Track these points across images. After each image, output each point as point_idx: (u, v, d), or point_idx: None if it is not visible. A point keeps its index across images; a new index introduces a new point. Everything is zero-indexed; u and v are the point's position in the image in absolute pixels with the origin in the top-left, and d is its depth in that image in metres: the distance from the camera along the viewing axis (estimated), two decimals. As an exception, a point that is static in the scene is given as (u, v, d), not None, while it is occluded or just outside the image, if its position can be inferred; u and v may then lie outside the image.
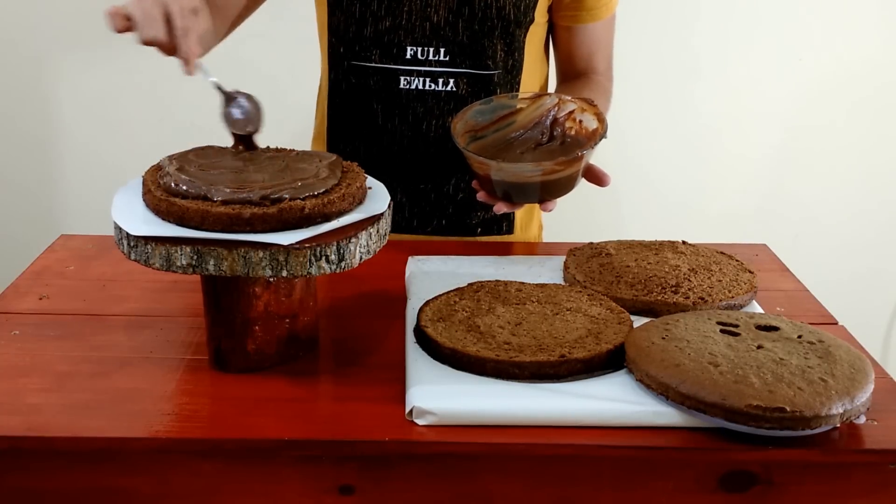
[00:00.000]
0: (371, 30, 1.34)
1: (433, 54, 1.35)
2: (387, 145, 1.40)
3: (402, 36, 1.34)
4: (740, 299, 1.11)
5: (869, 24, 2.21)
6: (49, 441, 0.87)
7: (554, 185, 1.16)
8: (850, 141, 2.30)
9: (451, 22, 1.34)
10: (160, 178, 0.99)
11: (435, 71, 1.36)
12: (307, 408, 0.93)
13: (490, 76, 1.38)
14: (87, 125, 2.21)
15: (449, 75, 1.36)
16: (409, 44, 1.34)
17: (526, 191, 1.16)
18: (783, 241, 1.62)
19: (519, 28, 1.37)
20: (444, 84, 1.36)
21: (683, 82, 2.25)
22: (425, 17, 1.33)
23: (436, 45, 1.35)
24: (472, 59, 1.36)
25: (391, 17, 1.33)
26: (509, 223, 1.48)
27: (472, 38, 1.35)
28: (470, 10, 1.33)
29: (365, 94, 1.37)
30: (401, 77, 1.36)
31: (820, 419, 0.86)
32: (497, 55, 1.37)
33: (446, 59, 1.36)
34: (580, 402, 0.90)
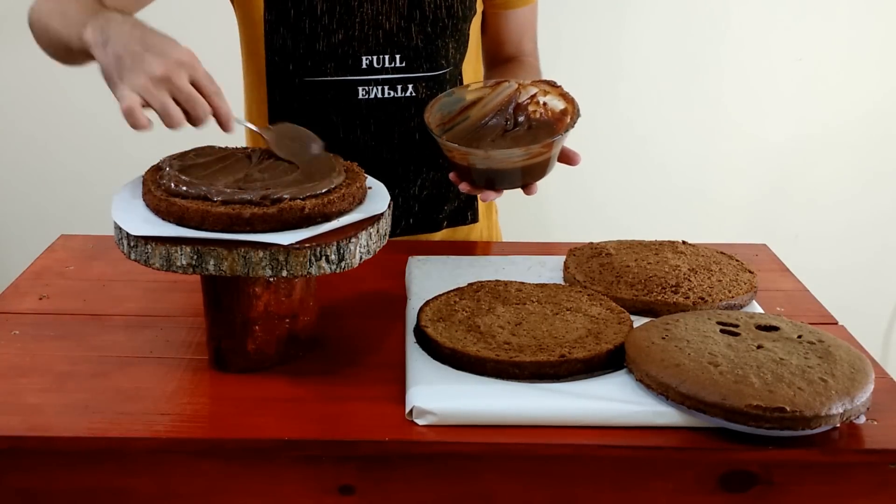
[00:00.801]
0: (324, 44, 1.32)
1: (389, 61, 1.34)
2: (349, 157, 1.37)
3: (357, 46, 1.32)
4: (740, 299, 1.11)
5: (869, 24, 2.21)
6: (49, 441, 0.87)
7: (536, 168, 1.16)
8: (851, 141, 2.30)
9: (403, 27, 1.33)
10: (159, 178, 0.99)
11: (392, 78, 1.35)
12: (307, 408, 0.93)
13: (443, 75, 1.38)
14: (87, 125, 2.21)
15: (407, 81, 1.35)
16: (364, 53, 1.33)
17: (509, 176, 1.16)
18: (783, 241, 1.62)
19: (465, 22, 1.38)
20: (402, 90, 1.35)
21: (683, 83, 2.25)
22: (377, 25, 1.32)
23: (391, 52, 1.33)
24: (428, 62, 1.35)
25: (343, 29, 1.31)
26: (473, 212, 1.48)
27: (426, 40, 1.34)
28: (421, 14, 1.33)
29: (322, 108, 1.35)
30: (359, 88, 1.34)
31: (820, 419, 0.86)
32: (449, 53, 1.37)
33: (403, 66, 1.35)
34: (580, 402, 0.90)
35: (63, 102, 2.19)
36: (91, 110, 2.20)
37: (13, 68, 2.17)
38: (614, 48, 2.22)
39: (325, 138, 1.35)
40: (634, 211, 2.30)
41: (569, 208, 2.12)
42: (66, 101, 2.19)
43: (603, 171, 2.25)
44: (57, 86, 2.18)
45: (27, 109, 2.20)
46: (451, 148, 1.16)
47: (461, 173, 1.18)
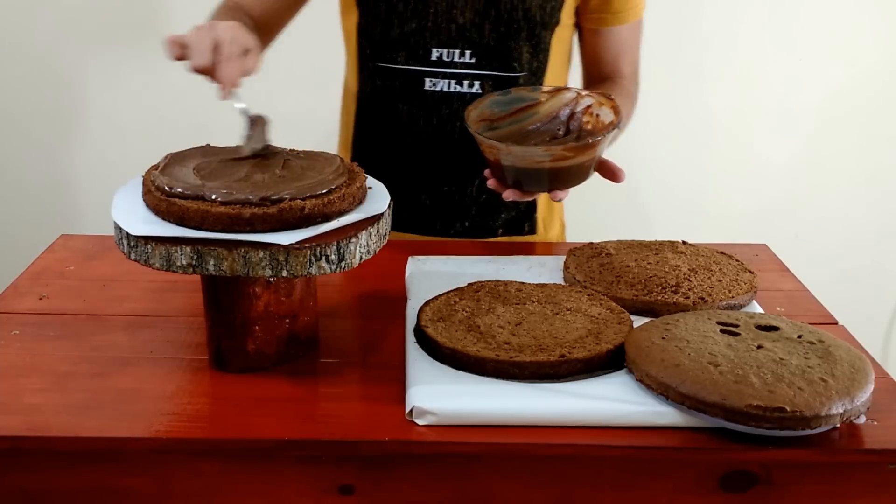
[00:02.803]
0: (397, 31, 1.34)
1: (459, 56, 1.35)
2: (411, 147, 1.39)
3: (428, 38, 1.34)
4: (740, 299, 1.11)
5: (869, 25, 2.21)
6: (49, 441, 0.87)
7: (564, 172, 1.15)
8: (851, 141, 2.30)
9: (477, 24, 1.33)
10: (155, 179, 0.99)
11: (460, 73, 1.36)
12: (307, 408, 0.93)
13: (515, 78, 1.37)
14: (87, 125, 2.21)
15: (474, 77, 1.36)
16: (435, 45, 1.34)
17: (535, 177, 1.15)
18: (783, 241, 1.62)
19: (545, 30, 1.37)
20: (469, 86, 1.36)
21: (683, 83, 2.25)
22: (451, 18, 1.33)
23: (461, 47, 1.34)
24: (499, 62, 1.36)
25: (417, 18, 1.33)
26: (531, 224, 1.47)
27: (498, 40, 1.34)
28: (496, 12, 1.33)
29: (390, 95, 1.37)
30: (426, 79, 1.35)
31: (820, 419, 0.86)
32: (523, 57, 1.37)
33: (472, 62, 1.35)
34: (580, 402, 0.90)
35: (63, 102, 2.19)
36: (91, 110, 2.20)
37: (14, 69, 2.17)
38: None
39: (391, 126, 1.35)
40: (634, 211, 2.30)
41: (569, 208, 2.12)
42: (66, 101, 2.19)
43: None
44: (57, 86, 2.18)
45: (27, 109, 2.20)
46: (480, 140, 1.16)
47: (493, 170, 1.19)
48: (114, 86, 2.18)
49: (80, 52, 2.15)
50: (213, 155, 1.06)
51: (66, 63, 2.16)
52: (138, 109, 2.20)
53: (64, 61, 2.16)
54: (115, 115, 2.21)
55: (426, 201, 1.42)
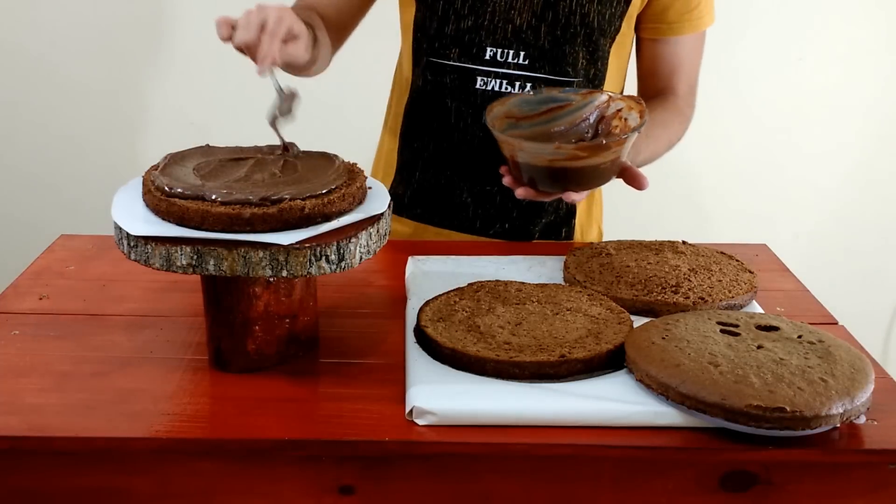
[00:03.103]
0: (453, 28, 1.33)
1: (513, 57, 1.34)
2: (457, 144, 1.39)
3: (483, 36, 1.33)
4: (740, 299, 1.11)
5: (869, 24, 2.21)
6: (49, 441, 0.87)
7: (578, 173, 1.14)
8: (851, 140, 2.29)
9: (533, 25, 1.33)
10: (155, 179, 0.99)
11: (513, 73, 1.35)
12: (307, 408, 0.93)
13: (569, 83, 1.35)
14: (88, 125, 2.21)
15: (526, 79, 1.35)
16: (490, 45, 1.33)
17: (548, 176, 1.14)
18: (783, 241, 1.62)
19: (603, 37, 1.35)
20: (520, 87, 1.35)
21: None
22: (508, 18, 1.33)
23: (516, 48, 1.34)
24: (552, 65, 1.34)
25: (474, 16, 1.32)
26: (569, 229, 1.46)
27: (554, 43, 1.33)
28: (553, 15, 1.32)
29: (441, 91, 1.36)
30: (478, 77, 1.35)
31: (820, 419, 0.86)
32: (578, 63, 1.35)
33: (525, 63, 1.34)
34: (580, 402, 0.90)
35: (63, 102, 2.19)
36: (91, 110, 2.20)
37: (14, 69, 2.17)
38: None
39: (438, 122, 1.35)
40: (634, 211, 2.30)
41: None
42: (66, 101, 2.19)
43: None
44: (57, 86, 2.18)
45: (27, 109, 2.20)
46: (496, 136, 1.16)
47: (511, 167, 1.19)
48: (114, 85, 2.18)
49: (80, 52, 2.15)
50: (212, 155, 1.06)
51: (66, 63, 2.16)
52: (139, 109, 2.20)
53: (64, 61, 2.16)
54: (115, 115, 2.21)
55: (468, 199, 1.41)
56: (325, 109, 2.11)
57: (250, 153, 1.06)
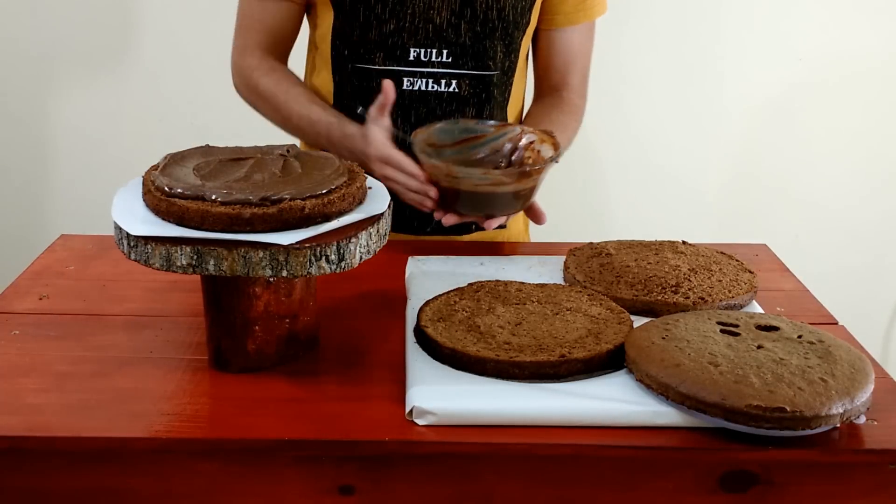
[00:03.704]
0: (375, 33, 1.34)
1: (436, 55, 1.36)
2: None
3: (406, 38, 1.35)
4: (740, 299, 1.11)
5: (869, 24, 2.21)
6: (49, 441, 0.87)
7: (501, 198, 1.17)
8: (851, 140, 2.30)
9: (453, 24, 1.35)
10: (155, 179, 0.99)
11: (437, 72, 1.37)
12: (307, 408, 0.93)
13: (490, 77, 1.39)
14: (88, 125, 2.21)
15: (451, 76, 1.37)
16: (413, 45, 1.35)
17: (473, 201, 1.17)
18: (783, 241, 1.62)
19: (517, 30, 1.38)
20: (446, 85, 1.38)
21: (683, 83, 2.25)
22: (428, 18, 1.34)
23: (439, 47, 1.36)
24: (474, 60, 1.37)
25: (395, 19, 1.34)
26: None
27: (475, 39, 1.36)
28: (472, 12, 1.34)
29: (369, 95, 1.37)
30: (404, 78, 1.36)
31: (820, 419, 0.86)
32: (497, 56, 1.38)
33: (449, 61, 1.37)
34: (580, 402, 0.90)
35: (63, 102, 2.19)
36: (91, 110, 2.20)
37: (14, 69, 2.17)
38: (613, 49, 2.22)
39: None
40: (634, 211, 2.30)
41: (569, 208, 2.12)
42: (66, 101, 2.19)
43: (603, 172, 2.25)
44: (57, 86, 2.18)
45: (27, 109, 2.20)
46: (423, 161, 1.18)
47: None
48: (113, 86, 2.18)
49: (80, 52, 2.15)
50: (212, 155, 1.06)
51: (66, 63, 2.16)
52: (139, 109, 2.20)
53: (64, 61, 2.16)
54: (115, 115, 2.21)
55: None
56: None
57: (250, 153, 1.06)
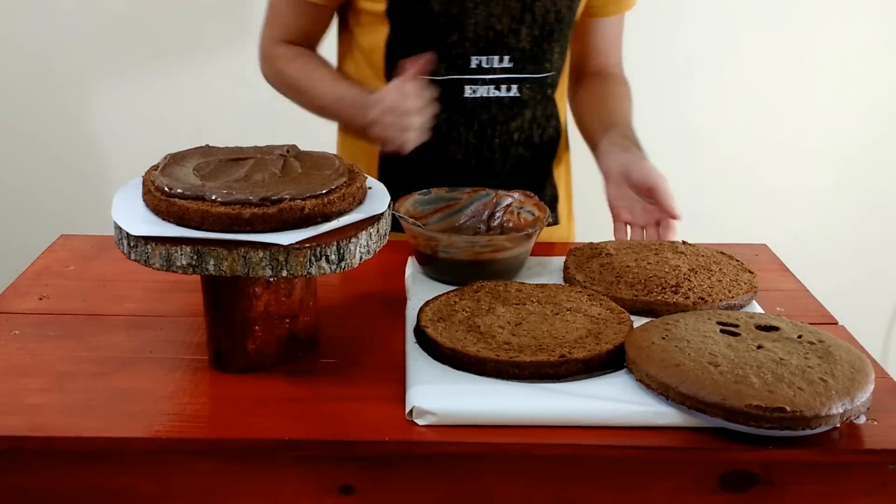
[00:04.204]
0: (437, 45, 1.34)
1: (497, 62, 1.37)
2: (451, 154, 1.41)
3: (468, 47, 1.36)
4: (740, 299, 1.11)
5: (869, 24, 2.21)
6: (49, 441, 0.87)
7: (501, 265, 1.16)
8: (851, 140, 2.30)
9: (514, 29, 1.36)
10: (155, 179, 0.99)
11: (499, 78, 1.38)
12: (307, 408, 0.93)
13: (548, 78, 1.41)
14: (88, 125, 2.21)
15: (512, 81, 1.39)
16: (475, 53, 1.36)
17: (470, 270, 1.15)
18: (783, 241, 1.62)
19: (570, 29, 1.41)
20: (507, 90, 1.39)
21: (683, 83, 2.25)
22: (489, 26, 1.35)
23: (500, 53, 1.37)
24: (534, 64, 1.39)
25: (458, 31, 1.34)
26: (555, 215, 1.51)
27: (534, 43, 1.38)
28: (532, 17, 1.36)
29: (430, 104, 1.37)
30: (466, 87, 1.37)
31: (820, 419, 0.86)
32: (554, 57, 1.41)
33: (510, 66, 1.38)
34: (580, 402, 0.90)
35: (63, 102, 2.19)
36: (92, 110, 2.20)
37: (14, 69, 2.17)
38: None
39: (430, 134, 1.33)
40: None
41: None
42: (66, 101, 2.19)
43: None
44: (56, 86, 2.18)
45: (27, 109, 2.20)
46: (418, 232, 1.17)
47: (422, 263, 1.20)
48: (113, 86, 2.18)
49: (80, 52, 2.15)
50: (212, 155, 1.06)
51: (66, 63, 2.16)
52: (138, 109, 2.21)
53: (64, 61, 2.16)
54: (115, 116, 2.21)
55: None
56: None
57: (250, 153, 1.06)
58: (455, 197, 1.28)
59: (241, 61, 2.15)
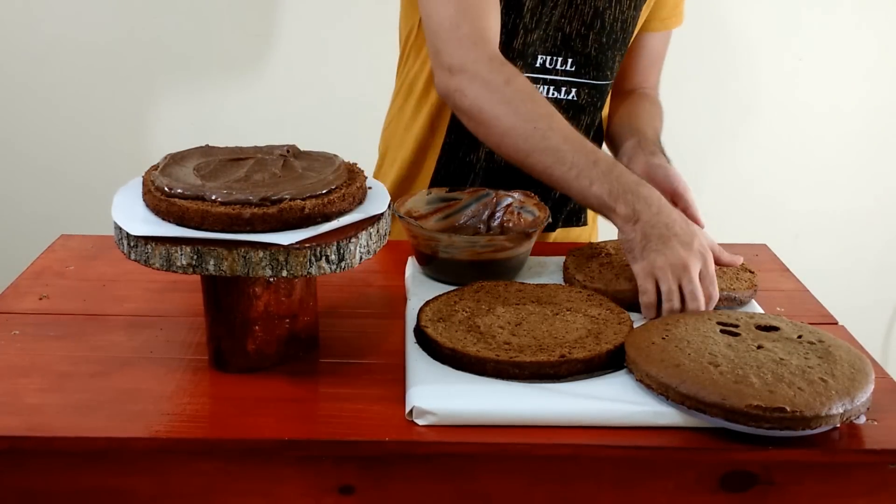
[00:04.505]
0: (520, 42, 1.34)
1: (560, 63, 1.37)
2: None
3: (538, 45, 1.35)
4: (740, 294, 1.11)
5: (869, 24, 2.21)
6: (49, 441, 0.87)
7: (502, 264, 1.16)
8: (851, 141, 2.29)
9: (582, 34, 1.36)
10: (155, 179, 0.99)
11: (559, 80, 1.38)
12: (307, 408, 0.93)
13: (605, 86, 1.41)
14: (88, 125, 2.21)
15: (572, 84, 1.38)
16: (542, 52, 1.35)
17: (471, 270, 1.15)
18: (783, 241, 1.62)
19: (631, 39, 1.41)
20: (566, 93, 1.38)
21: (682, 83, 2.24)
22: (559, 27, 1.35)
23: (564, 55, 1.36)
24: (596, 70, 1.39)
25: (539, 28, 1.34)
26: (585, 215, 1.51)
27: (599, 50, 1.37)
28: (601, 24, 1.36)
29: None
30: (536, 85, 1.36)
31: (820, 419, 0.86)
32: (614, 66, 1.41)
33: (572, 70, 1.37)
34: (580, 402, 0.90)
35: (64, 102, 2.19)
36: (92, 110, 2.20)
37: (13, 69, 2.17)
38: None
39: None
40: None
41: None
42: (66, 101, 2.19)
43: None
44: (57, 85, 2.18)
45: (27, 109, 2.20)
46: (417, 232, 1.16)
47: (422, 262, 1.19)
48: (113, 85, 2.18)
49: (80, 53, 2.15)
50: (212, 155, 1.06)
51: (67, 63, 2.16)
52: (138, 109, 2.20)
53: (64, 62, 2.16)
54: (115, 115, 2.21)
55: None
56: (325, 109, 2.12)
57: (250, 153, 1.06)
58: (455, 197, 1.28)
59: (242, 61, 2.16)
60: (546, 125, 1.15)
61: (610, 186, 1.10)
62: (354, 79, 1.98)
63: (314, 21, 2.12)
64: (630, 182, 1.11)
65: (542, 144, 1.14)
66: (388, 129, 1.51)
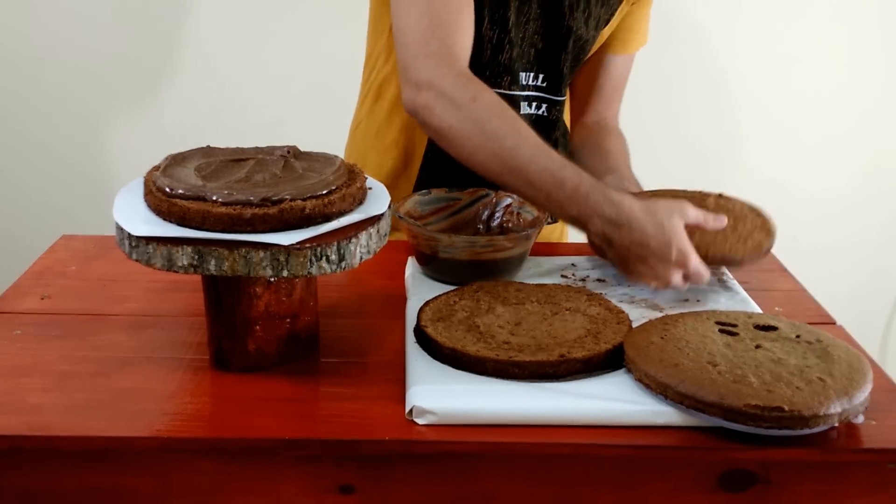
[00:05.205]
0: (506, 56, 1.33)
1: (532, 80, 1.37)
2: None
3: (518, 61, 1.35)
4: (741, 255, 1.12)
5: (869, 24, 2.21)
6: (50, 441, 0.88)
7: (502, 264, 1.16)
8: (851, 140, 2.30)
9: (552, 50, 1.36)
10: (156, 179, 0.99)
11: (531, 95, 1.38)
12: (307, 408, 0.94)
13: (563, 101, 1.41)
14: (89, 125, 2.21)
15: (542, 100, 1.38)
16: (520, 69, 1.36)
17: (471, 270, 1.15)
18: (783, 241, 1.62)
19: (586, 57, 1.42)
20: (536, 108, 1.38)
21: (682, 83, 2.25)
22: (532, 44, 1.35)
23: (536, 71, 1.37)
24: (561, 87, 1.39)
25: (524, 44, 1.34)
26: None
27: (570, 67, 1.39)
28: (573, 42, 1.36)
29: None
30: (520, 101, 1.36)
31: (818, 419, 0.86)
32: (569, 82, 1.42)
33: (544, 85, 1.38)
34: (580, 402, 0.90)
35: (64, 102, 2.20)
36: (93, 110, 2.20)
37: (14, 69, 2.17)
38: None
39: None
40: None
41: None
42: (67, 101, 2.19)
43: (603, 172, 2.25)
44: (58, 85, 2.18)
45: (27, 109, 2.21)
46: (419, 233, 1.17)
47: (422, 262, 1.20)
48: (113, 85, 2.18)
49: (80, 53, 2.15)
50: (213, 156, 1.06)
51: (68, 63, 2.16)
52: (139, 109, 2.21)
53: (64, 62, 2.16)
54: (116, 115, 2.21)
55: None
56: (325, 109, 2.11)
57: (251, 154, 1.07)
58: (455, 197, 1.28)
59: (242, 61, 2.16)
60: (513, 143, 1.13)
61: (578, 210, 1.10)
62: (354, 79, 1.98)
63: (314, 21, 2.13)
64: (597, 202, 1.09)
65: (510, 163, 1.12)
66: (358, 132, 1.49)
